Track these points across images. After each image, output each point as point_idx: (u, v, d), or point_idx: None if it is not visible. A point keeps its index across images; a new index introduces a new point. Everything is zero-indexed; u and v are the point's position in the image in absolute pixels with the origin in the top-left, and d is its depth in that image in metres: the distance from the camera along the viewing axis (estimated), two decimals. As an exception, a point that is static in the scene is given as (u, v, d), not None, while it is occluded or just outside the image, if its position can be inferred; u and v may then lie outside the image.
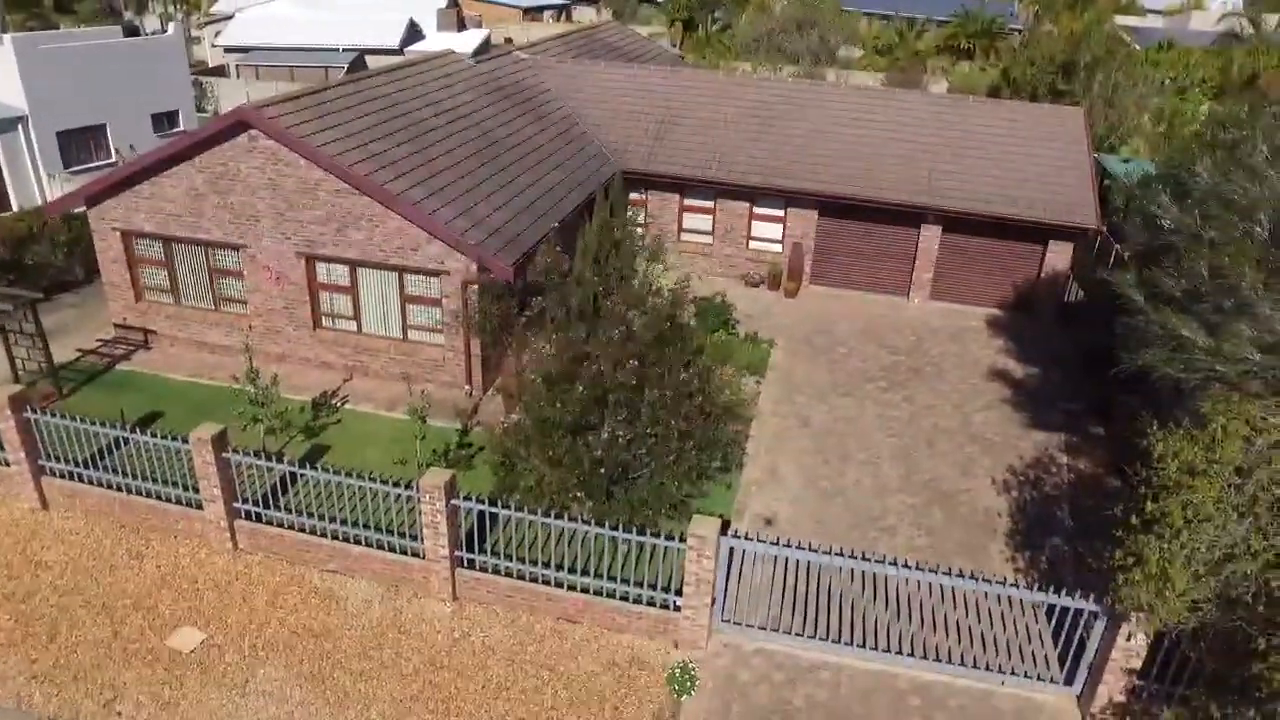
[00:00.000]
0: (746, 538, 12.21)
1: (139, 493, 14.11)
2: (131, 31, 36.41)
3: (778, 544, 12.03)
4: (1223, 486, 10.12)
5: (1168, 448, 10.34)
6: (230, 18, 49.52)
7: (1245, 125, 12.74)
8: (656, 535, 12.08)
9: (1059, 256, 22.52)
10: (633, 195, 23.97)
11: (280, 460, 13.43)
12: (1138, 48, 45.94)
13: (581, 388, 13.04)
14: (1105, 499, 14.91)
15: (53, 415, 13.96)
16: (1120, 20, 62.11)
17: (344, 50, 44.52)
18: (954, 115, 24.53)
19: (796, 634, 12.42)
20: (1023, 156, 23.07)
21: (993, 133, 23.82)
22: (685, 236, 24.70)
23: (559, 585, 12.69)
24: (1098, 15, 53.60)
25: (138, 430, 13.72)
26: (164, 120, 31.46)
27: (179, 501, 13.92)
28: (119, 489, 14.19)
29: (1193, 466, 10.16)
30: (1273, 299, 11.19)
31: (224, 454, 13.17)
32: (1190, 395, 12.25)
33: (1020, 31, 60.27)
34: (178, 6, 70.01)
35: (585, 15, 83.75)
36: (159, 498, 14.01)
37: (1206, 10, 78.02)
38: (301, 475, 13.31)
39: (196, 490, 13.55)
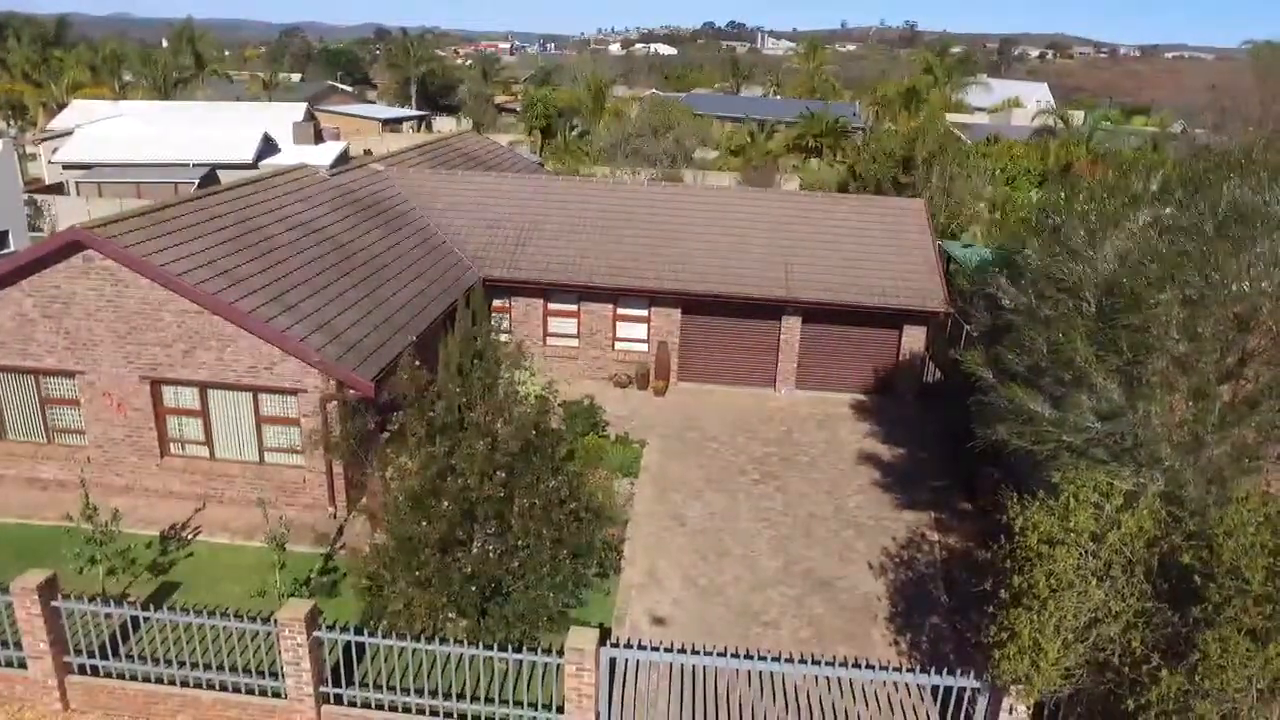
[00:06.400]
0: (629, 645, 11.81)
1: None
2: (-44, 150, 34.57)
3: (660, 649, 11.69)
4: (1080, 553, 10.49)
5: (1027, 521, 10.70)
6: (69, 133, 47.70)
7: (1064, 211, 13.66)
8: (535, 651, 11.58)
9: (914, 339, 23.50)
10: (496, 302, 23.85)
11: (121, 604, 12.32)
12: (969, 142, 49.62)
13: (448, 503, 12.53)
14: (977, 572, 15.19)
15: None
16: (951, 118, 67.19)
17: (195, 166, 43.38)
18: (807, 211, 25.66)
19: (686, 742, 12.01)
20: (873, 247, 24.21)
21: (844, 226, 24.98)
22: (551, 341, 24.64)
23: (435, 714, 11.93)
24: (931, 114, 57.79)
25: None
26: (-10, 241, 29.80)
27: (-6, 662, 12.48)
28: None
29: (1051, 537, 10.52)
30: (1105, 369, 11.85)
31: (53, 603, 11.96)
32: (1043, 465, 12.77)
33: (863, 130, 64.34)
34: (10, 122, 67.26)
35: (445, 125, 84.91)
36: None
37: (1025, 107, 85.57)
38: (145, 618, 12.21)
39: (18, 647, 12.21)
